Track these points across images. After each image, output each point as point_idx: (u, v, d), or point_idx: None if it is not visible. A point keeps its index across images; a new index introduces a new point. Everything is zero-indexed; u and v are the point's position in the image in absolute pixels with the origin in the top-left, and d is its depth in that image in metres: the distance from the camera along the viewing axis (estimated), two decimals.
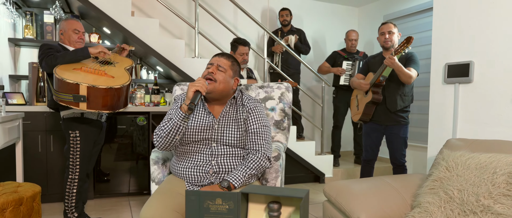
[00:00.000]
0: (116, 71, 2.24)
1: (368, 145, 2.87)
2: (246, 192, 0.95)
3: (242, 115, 1.68)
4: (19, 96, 3.06)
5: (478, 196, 1.35)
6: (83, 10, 3.40)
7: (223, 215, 0.93)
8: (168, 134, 1.55)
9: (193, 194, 0.94)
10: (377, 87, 2.70)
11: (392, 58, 2.47)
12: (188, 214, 0.94)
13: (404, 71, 2.54)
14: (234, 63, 1.70)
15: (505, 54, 1.81)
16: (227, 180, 1.50)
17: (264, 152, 1.62)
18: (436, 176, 1.55)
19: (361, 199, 1.57)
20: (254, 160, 1.58)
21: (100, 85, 2.02)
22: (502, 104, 1.83)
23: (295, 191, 0.93)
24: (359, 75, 2.92)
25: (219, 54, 1.71)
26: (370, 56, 2.94)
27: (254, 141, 1.64)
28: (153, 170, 1.78)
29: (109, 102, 2.08)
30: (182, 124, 1.55)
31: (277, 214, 0.91)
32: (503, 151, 1.53)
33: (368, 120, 2.82)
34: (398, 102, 2.69)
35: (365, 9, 5.24)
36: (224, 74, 1.64)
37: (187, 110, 1.51)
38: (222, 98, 1.67)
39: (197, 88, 1.51)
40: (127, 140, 3.30)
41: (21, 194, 1.97)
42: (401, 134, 2.72)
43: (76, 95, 2.00)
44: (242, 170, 1.55)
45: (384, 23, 2.76)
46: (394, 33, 2.72)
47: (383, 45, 2.75)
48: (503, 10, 1.82)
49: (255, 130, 1.65)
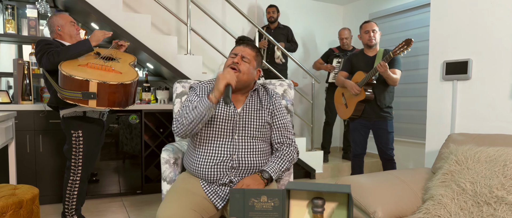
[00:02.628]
0: (121, 66, 2.18)
1: (358, 140, 2.96)
2: (289, 188, 0.95)
3: (268, 106, 1.68)
4: (4, 95, 2.91)
5: (491, 188, 1.41)
6: (69, 4, 3.26)
7: (268, 212, 0.93)
8: (191, 122, 1.50)
9: (237, 192, 0.93)
10: (369, 86, 2.80)
11: (385, 66, 2.60)
12: (232, 212, 0.93)
13: (392, 77, 2.71)
14: (258, 54, 1.67)
15: (503, 51, 1.90)
16: (268, 172, 1.52)
17: (295, 145, 1.67)
18: (447, 169, 1.61)
19: (376, 194, 1.61)
20: (288, 153, 1.61)
21: (110, 81, 1.95)
22: (500, 100, 1.92)
23: (339, 186, 0.94)
24: (343, 73, 2.99)
25: (244, 43, 1.66)
26: (352, 54, 3.02)
27: (285, 135, 1.66)
28: (165, 169, 1.75)
29: (119, 99, 2.01)
30: (208, 113, 1.50)
31: (321, 210, 0.92)
32: (507, 145, 1.61)
33: (357, 117, 2.91)
34: (387, 99, 2.85)
35: (350, 7, 5.34)
36: (248, 65, 1.61)
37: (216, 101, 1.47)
38: (243, 88, 1.65)
39: (228, 81, 1.47)
40: (112, 138, 3.20)
41: (21, 197, 1.88)
42: (388, 128, 2.86)
43: (86, 92, 1.92)
44: (278, 163, 1.57)
45: (367, 21, 2.86)
46: (377, 32, 2.84)
47: (367, 43, 2.84)
48: (501, 7, 1.91)
49: (285, 125, 1.68)
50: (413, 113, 4.37)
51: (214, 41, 4.44)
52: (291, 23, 5.01)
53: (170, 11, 3.40)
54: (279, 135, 1.66)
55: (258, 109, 1.66)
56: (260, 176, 1.49)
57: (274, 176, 1.50)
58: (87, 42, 2.13)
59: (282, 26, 4.47)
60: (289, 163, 1.59)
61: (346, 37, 4.26)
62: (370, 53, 2.88)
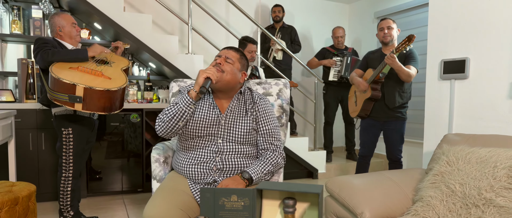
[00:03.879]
0: (112, 72, 2.20)
1: (366, 141, 2.89)
2: (261, 188, 0.95)
3: (252, 112, 1.67)
4: (8, 93, 2.98)
5: (480, 190, 1.38)
6: (73, 5, 3.32)
7: (239, 211, 0.93)
8: (171, 118, 1.53)
9: (207, 191, 0.93)
10: (376, 84, 2.73)
11: (393, 56, 2.49)
12: (203, 211, 0.93)
13: (403, 70, 2.56)
14: (242, 57, 1.69)
15: (500, 50, 1.85)
16: (248, 172, 1.52)
17: (280, 151, 1.66)
18: (437, 170, 1.58)
19: (364, 194, 1.59)
20: (272, 157, 1.60)
21: (97, 87, 1.98)
22: (498, 100, 1.87)
23: (310, 186, 0.93)
24: (358, 71, 2.93)
25: (228, 47, 1.71)
26: (369, 52, 2.95)
27: (269, 141, 1.65)
28: (154, 168, 1.76)
29: (105, 104, 2.05)
30: (188, 110, 1.53)
31: (292, 210, 0.91)
32: (500, 145, 1.57)
33: (365, 116, 2.85)
34: (397, 99, 2.71)
35: (356, 6, 5.29)
36: (231, 66, 1.62)
37: (195, 96, 1.51)
38: (228, 91, 1.66)
39: (208, 75, 1.51)
40: (120, 137, 3.25)
41: (17, 193, 1.92)
42: (399, 129, 2.75)
43: (72, 96, 1.96)
44: (261, 165, 1.57)
45: (383, 19, 2.79)
46: (393, 29, 2.75)
47: (382, 40, 2.77)
48: (498, 6, 1.86)
49: (269, 131, 1.66)
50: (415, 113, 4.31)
51: (217, 41, 4.45)
52: (295, 22, 4.99)
53: (171, 11, 3.42)
54: (263, 141, 1.66)
55: (243, 115, 1.66)
56: (241, 176, 1.49)
57: (255, 177, 1.50)
58: (84, 52, 2.18)
59: (287, 26, 4.46)
60: (273, 167, 1.59)
61: (341, 36, 4.25)
62: (386, 51, 2.78)
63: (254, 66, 3.35)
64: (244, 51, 3.16)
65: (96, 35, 3.76)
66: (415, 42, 4.27)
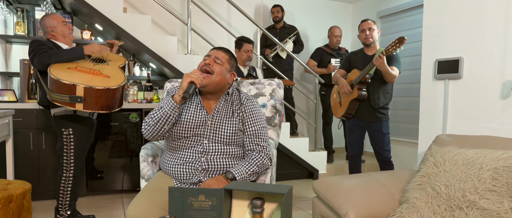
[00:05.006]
0: (110, 70, 2.22)
1: (353, 140, 2.90)
2: (229, 188, 0.95)
3: (238, 113, 1.67)
4: (10, 94, 3.04)
5: (464, 192, 1.35)
6: (75, 7, 3.37)
7: (206, 211, 0.93)
8: (157, 122, 1.54)
9: (176, 191, 0.94)
10: (362, 85, 2.73)
11: (381, 59, 2.49)
12: (171, 210, 0.94)
13: (390, 72, 2.58)
14: (231, 58, 1.70)
15: (494, 50, 1.81)
16: (232, 172, 1.51)
17: (266, 152, 1.64)
18: (424, 171, 1.56)
19: (350, 195, 1.57)
20: (257, 158, 1.59)
21: (97, 86, 2.00)
22: (491, 100, 1.83)
23: (277, 187, 0.93)
24: (341, 71, 2.94)
25: (217, 47, 1.71)
26: (351, 53, 2.96)
27: (256, 142, 1.65)
28: (143, 167, 1.78)
29: (105, 102, 2.06)
30: (173, 114, 1.54)
31: (260, 210, 0.91)
32: (490, 147, 1.54)
33: (350, 116, 2.85)
34: (381, 100, 2.74)
35: (359, 5, 5.24)
36: (221, 66, 1.63)
37: (179, 100, 1.51)
38: (217, 92, 1.66)
39: (192, 79, 1.51)
40: (120, 137, 3.29)
41: (11, 191, 1.96)
42: (383, 130, 2.76)
43: (73, 96, 1.97)
44: (245, 166, 1.56)
45: (363, 20, 2.81)
46: (374, 30, 2.77)
47: (364, 42, 2.79)
48: (492, 6, 1.82)
49: (256, 132, 1.65)
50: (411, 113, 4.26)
51: (219, 41, 4.46)
52: (297, 22, 4.97)
53: (170, 11, 3.45)
54: (249, 142, 1.65)
55: (229, 116, 1.66)
56: (224, 176, 1.49)
57: (239, 177, 1.50)
58: (80, 50, 2.19)
59: (288, 26, 4.45)
60: (258, 167, 1.57)
61: (340, 35, 4.25)
62: (369, 52, 2.81)
63: (252, 67, 3.35)
64: (241, 51, 3.17)
65: (98, 36, 3.82)
66: (418, 42, 4.21)
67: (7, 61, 3.46)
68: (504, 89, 1.77)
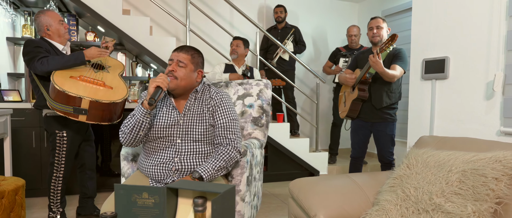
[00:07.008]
0: (112, 79, 2.22)
1: (356, 142, 2.83)
2: (172, 187, 0.97)
3: (208, 108, 1.67)
4: (15, 94, 3.16)
5: (431, 195, 1.32)
6: (78, 10, 3.48)
7: (150, 208, 0.95)
8: (131, 130, 1.58)
9: (121, 188, 0.96)
10: (363, 84, 2.66)
11: (375, 58, 2.41)
12: (117, 207, 0.97)
13: (385, 73, 2.47)
14: (194, 56, 1.67)
15: (478, 51, 1.76)
16: (198, 171, 1.51)
17: (234, 145, 1.62)
18: (397, 173, 1.53)
19: (321, 197, 1.56)
20: (224, 152, 1.57)
21: (103, 100, 2.00)
22: (475, 101, 1.78)
23: (217, 186, 0.94)
24: (348, 71, 2.88)
25: (178, 48, 1.68)
26: (359, 52, 2.89)
27: (223, 135, 1.63)
28: (123, 165, 1.82)
29: (108, 115, 2.06)
30: (145, 120, 1.56)
31: (202, 209, 0.92)
32: (467, 148, 1.49)
33: (354, 117, 2.79)
34: (384, 99, 2.64)
35: (366, 4, 5.17)
36: (184, 69, 1.63)
37: (148, 106, 1.53)
38: (186, 92, 1.68)
39: (158, 84, 1.52)
40: None
41: (3, 187, 2.04)
42: (388, 131, 2.67)
43: (78, 108, 1.97)
44: (211, 163, 1.55)
45: (373, 18, 2.71)
46: (383, 28, 2.65)
47: (371, 40, 2.70)
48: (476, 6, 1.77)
49: (224, 124, 1.64)
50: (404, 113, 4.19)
51: (220, 42, 4.50)
52: (301, 23, 4.94)
53: (169, 13, 3.50)
54: (218, 135, 1.64)
55: (200, 112, 1.66)
56: (191, 176, 1.51)
57: (205, 175, 1.50)
58: (81, 56, 2.16)
59: (289, 26, 4.43)
60: (225, 162, 1.56)
61: (355, 35, 4.07)
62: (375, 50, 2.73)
63: (250, 67, 3.35)
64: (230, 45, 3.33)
65: (102, 37, 3.91)
66: None
67: (15, 62, 3.60)
68: (488, 90, 1.72)
